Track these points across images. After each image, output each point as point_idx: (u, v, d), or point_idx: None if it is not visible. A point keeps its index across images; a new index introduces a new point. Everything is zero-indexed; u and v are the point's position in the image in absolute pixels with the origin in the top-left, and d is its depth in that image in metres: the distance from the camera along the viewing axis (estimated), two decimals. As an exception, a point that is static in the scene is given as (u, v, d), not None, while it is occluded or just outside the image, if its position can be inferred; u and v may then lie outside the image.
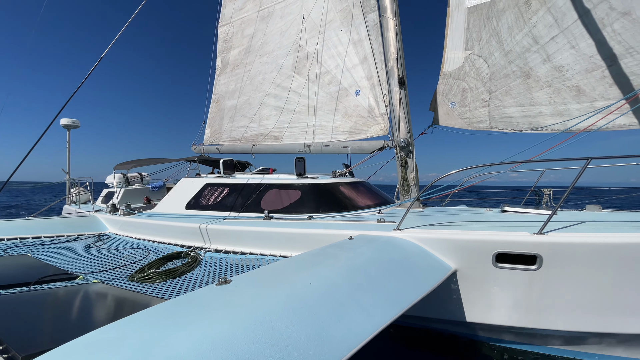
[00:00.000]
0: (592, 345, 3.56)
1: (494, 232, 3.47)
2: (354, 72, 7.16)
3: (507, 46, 6.47)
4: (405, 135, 5.71)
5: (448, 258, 3.55)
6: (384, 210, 5.35)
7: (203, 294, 2.12)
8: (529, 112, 6.55)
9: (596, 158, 3.20)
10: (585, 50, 5.83)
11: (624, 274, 3.12)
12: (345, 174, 6.54)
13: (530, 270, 3.31)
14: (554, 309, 3.40)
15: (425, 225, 3.94)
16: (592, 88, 5.86)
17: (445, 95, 7.32)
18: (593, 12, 5.53)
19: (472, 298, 3.63)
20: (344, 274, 2.60)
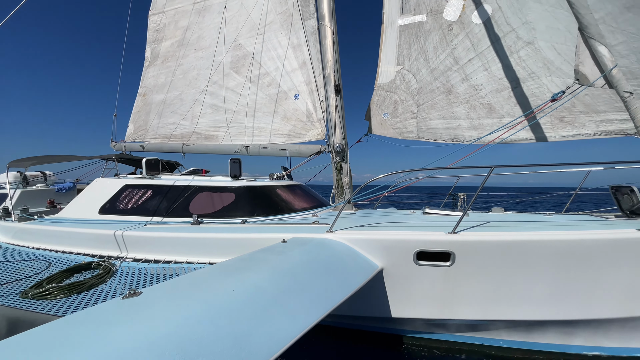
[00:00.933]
0: (497, 331, 3.91)
1: (414, 232, 3.68)
2: (294, 76, 7.01)
3: (433, 64, 6.92)
4: (341, 141, 5.72)
5: (375, 257, 3.66)
6: (319, 213, 5.27)
7: (105, 309, 1.88)
8: (451, 124, 7.08)
9: (498, 167, 3.57)
10: (495, 73, 6.49)
11: (519, 267, 3.48)
12: (283, 176, 6.33)
13: (445, 266, 3.57)
14: (465, 300, 3.67)
15: (356, 227, 4.00)
16: (500, 106, 6.54)
17: (379, 106, 7.58)
18: (503, 40, 6.17)
19: (397, 294, 3.78)
20: (271, 278, 2.52)
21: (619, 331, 3.63)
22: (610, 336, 3.67)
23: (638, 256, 3.31)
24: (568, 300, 3.51)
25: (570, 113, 5.89)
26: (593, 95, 5.50)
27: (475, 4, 6.25)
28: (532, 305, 3.59)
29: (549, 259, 3.42)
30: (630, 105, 4.36)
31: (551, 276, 3.46)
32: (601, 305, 3.47)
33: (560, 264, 3.42)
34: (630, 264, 3.33)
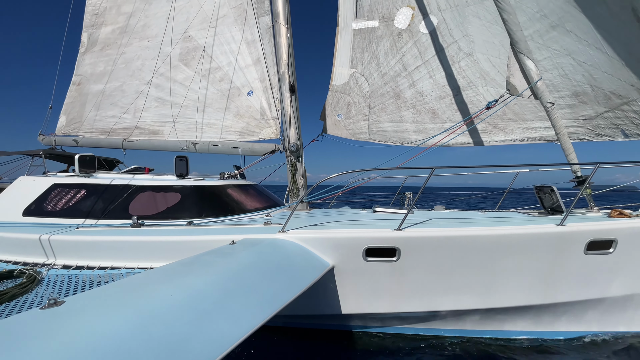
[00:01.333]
0: (439, 321, 4.12)
1: (364, 230, 3.77)
2: (247, 73, 6.77)
3: (384, 69, 7.14)
4: (295, 140, 5.64)
5: (327, 255, 3.68)
6: (273, 213, 5.13)
7: (19, 321, 1.70)
8: (399, 127, 7.37)
9: (439, 167, 3.79)
10: (439, 81, 6.88)
11: (457, 260, 3.72)
12: (235, 175, 6.07)
13: (392, 261, 3.69)
14: (409, 293, 3.83)
15: (309, 226, 3.99)
16: (443, 112, 6.94)
17: (333, 107, 7.63)
18: (446, 50, 6.55)
19: (347, 291, 3.84)
20: (215, 281, 2.43)
21: (544, 316, 4.02)
22: (538, 321, 4.05)
23: (556, 247, 3.70)
24: (499, 289, 3.81)
25: (502, 120, 6.45)
26: (521, 104, 6.08)
27: (423, 15, 6.56)
28: (468, 295, 3.84)
29: (482, 251, 3.70)
30: (551, 115, 4.88)
31: (484, 267, 3.74)
32: (527, 293, 3.82)
33: (492, 256, 3.71)
34: (550, 255, 3.71)
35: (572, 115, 5.59)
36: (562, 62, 5.47)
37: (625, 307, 3.97)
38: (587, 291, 3.83)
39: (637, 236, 3.71)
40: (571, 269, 3.74)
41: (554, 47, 5.47)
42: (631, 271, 3.80)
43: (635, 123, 5.03)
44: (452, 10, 6.32)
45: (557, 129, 4.84)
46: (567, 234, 3.66)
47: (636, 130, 5.06)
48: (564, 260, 3.72)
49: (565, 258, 3.71)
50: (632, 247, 3.70)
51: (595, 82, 5.25)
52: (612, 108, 5.21)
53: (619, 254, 3.69)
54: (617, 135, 5.26)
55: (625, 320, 4.05)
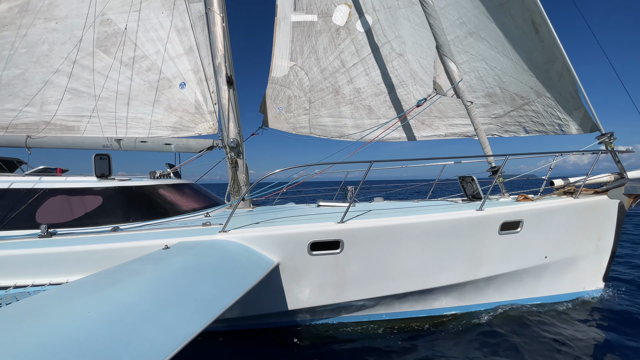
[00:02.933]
0: (380, 307, 4.26)
1: (308, 225, 3.73)
2: (179, 63, 6.11)
3: (323, 64, 7.06)
4: (235, 135, 5.27)
5: (271, 253, 3.56)
6: (212, 213, 4.75)
7: None
8: (338, 122, 7.41)
9: (376, 161, 3.87)
10: (375, 79, 7.06)
11: (395, 247, 3.88)
12: (168, 174, 5.47)
13: (336, 253, 3.72)
14: (353, 283, 3.90)
15: (252, 224, 3.82)
16: (378, 108, 7.16)
17: (273, 100, 7.36)
18: (381, 49, 6.72)
19: (293, 286, 3.77)
20: (144, 291, 2.17)
21: (468, 291, 4.40)
22: (462, 297, 4.42)
23: (477, 229, 4.07)
24: (432, 270, 4.07)
25: (429, 117, 6.88)
26: (445, 103, 6.53)
27: (359, 14, 6.60)
28: (406, 279, 4.04)
29: (417, 237, 3.91)
30: (470, 113, 5.31)
31: (419, 252, 3.97)
32: (456, 272, 4.13)
33: (424, 241, 3.94)
34: (472, 236, 4.06)
35: (485, 114, 6.17)
36: (477, 66, 5.98)
37: (533, 276, 4.53)
38: (502, 266, 4.28)
39: (538, 216, 4.24)
40: (489, 248, 4.15)
41: (471, 52, 5.95)
42: (535, 246, 4.35)
43: (534, 121, 5.75)
44: (385, 11, 6.46)
45: (475, 126, 5.29)
46: (484, 217, 4.04)
47: (534, 127, 5.78)
48: (483, 240, 4.10)
49: (484, 238, 4.10)
50: (534, 225, 4.22)
51: (504, 84, 5.85)
52: (516, 108, 5.88)
53: (524, 232, 4.18)
54: (520, 131, 5.96)
55: (535, 288, 4.64)
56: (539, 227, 4.27)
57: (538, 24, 5.13)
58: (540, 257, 4.39)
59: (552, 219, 4.34)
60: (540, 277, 4.54)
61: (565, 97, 5.26)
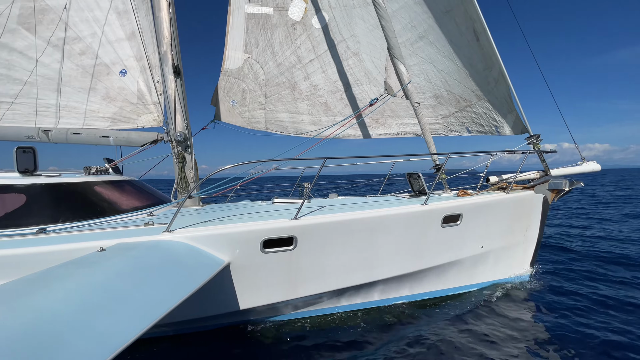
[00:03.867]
0: (332, 300, 4.30)
1: (260, 222, 3.64)
2: (119, 48, 5.57)
3: (279, 59, 6.92)
4: (183, 128, 4.95)
5: (221, 252, 3.44)
6: (156, 212, 4.43)
7: None
8: (295, 119, 7.33)
9: (329, 158, 3.91)
10: (331, 76, 7.08)
11: (346, 241, 3.95)
12: (105, 170, 4.99)
13: (289, 250, 3.70)
14: (306, 278, 3.90)
15: (200, 223, 3.64)
16: (334, 106, 7.21)
17: (226, 92, 7.05)
18: (337, 47, 6.74)
19: (245, 285, 3.67)
20: (70, 298, 1.98)
21: (415, 281, 4.63)
22: (411, 286, 4.64)
23: (422, 223, 4.27)
24: (382, 262, 4.21)
25: (382, 116, 7.08)
26: (397, 103, 6.77)
27: (316, 10, 6.55)
28: (358, 272, 4.13)
29: (367, 231, 4.02)
30: (418, 113, 5.56)
31: (370, 245, 4.08)
32: (403, 263, 4.32)
33: (374, 234, 4.06)
34: (418, 229, 4.27)
35: (433, 114, 6.51)
36: (426, 69, 6.27)
37: (472, 265, 4.89)
38: (445, 256, 4.56)
39: (475, 210, 4.58)
40: (433, 240, 4.39)
41: (421, 55, 6.22)
42: (473, 237, 4.69)
43: (475, 122, 6.19)
44: (341, 9, 6.49)
45: (422, 125, 5.55)
46: (428, 211, 4.26)
47: (475, 128, 6.23)
48: (428, 233, 4.33)
49: (428, 231, 4.33)
50: (472, 218, 4.56)
51: (449, 87, 6.21)
52: (460, 109, 6.28)
53: (464, 224, 4.50)
54: (463, 131, 6.39)
55: (474, 275, 5.00)
56: (476, 219, 4.61)
57: (479, 32, 5.50)
58: (477, 247, 4.75)
59: (488, 212, 4.72)
60: (477, 265, 4.93)
61: (500, 101, 5.73)
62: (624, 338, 3.76)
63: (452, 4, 5.58)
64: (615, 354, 3.46)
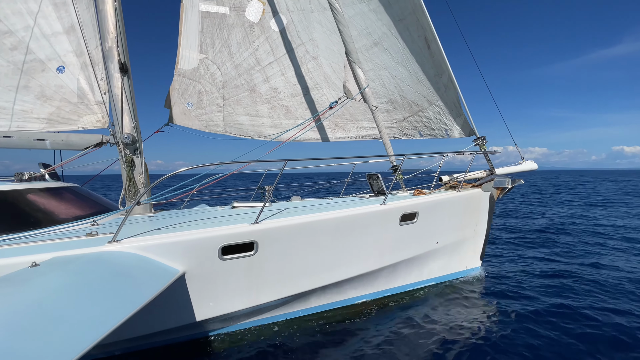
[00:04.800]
0: (294, 303, 4.26)
1: (218, 228, 3.50)
2: (56, 42, 5.07)
3: (237, 60, 6.78)
4: (131, 130, 4.62)
5: (175, 262, 3.25)
6: (101, 221, 4.08)
7: None
8: (255, 122, 7.22)
9: (290, 160, 3.85)
10: (291, 79, 7.08)
11: (310, 243, 3.94)
12: (41, 176, 4.51)
13: (250, 255, 3.59)
14: (269, 283, 3.82)
15: (152, 231, 3.41)
16: (295, 109, 7.21)
17: (181, 94, 6.75)
18: (296, 50, 6.76)
19: (203, 295, 3.51)
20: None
21: (376, 279, 4.74)
22: (371, 284, 4.73)
23: (381, 221, 4.41)
24: (345, 262, 4.25)
25: (341, 119, 7.23)
26: (355, 107, 6.96)
27: (273, 12, 6.53)
28: (322, 274, 4.13)
29: (330, 232, 4.04)
30: (375, 116, 5.76)
31: (333, 246, 4.10)
32: (365, 262, 4.40)
33: (337, 235, 4.10)
34: (377, 228, 4.39)
35: (388, 118, 6.78)
36: (381, 74, 6.52)
37: (428, 260, 5.13)
38: (403, 253, 4.73)
39: (430, 208, 4.83)
40: (392, 238, 4.54)
41: (376, 61, 6.47)
42: (428, 234, 4.92)
43: (427, 126, 6.55)
44: (299, 13, 6.54)
45: (379, 128, 5.75)
46: (387, 210, 4.40)
47: (427, 132, 6.59)
48: (387, 231, 4.47)
49: (387, 229, 4.46)
50: (427, 216, 4.79)
51: (403, 92, 6.52)
52: (412, 114, 6.61)
53: (420, 222, 4.71)
54: (416, 134, 6.72)
55: (431, 270, 5.24)
56: (431, 217, 4.86)
57: (430, 40, 5.85)
58: (433, 243, 5.01)
59: (441, 210, 5.00)
60: (434, 260, 5.18)
61: (450, 106, 6.13)
62: (568, 320, 4.17)
63: (405, 13, 5.88)
64: (561, 339, 3.81)
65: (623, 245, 7.84)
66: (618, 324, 4.00)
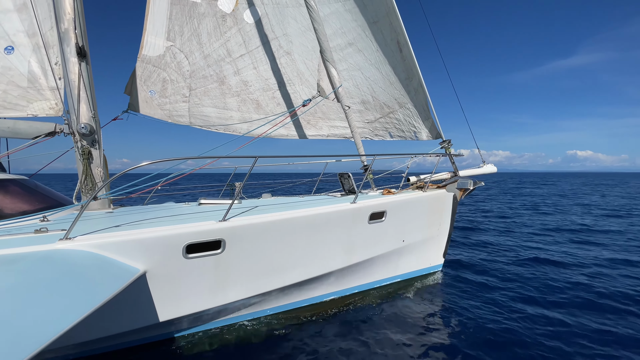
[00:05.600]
0: (264, 302, 4.27)
1: (183, 225, 3.41)
2: (5, 21, 4.60)
3: (207, 50, 6.56)
4: (89, 119, 4.33)
5: (135, 260, 3.14)
6: (53, 216, 3.81)
7: None
8: (223, 115, 7.05)
9: (261, 157, 3.85)
10: (263, 73, 6.99)
11: (280, 241, 3.96)
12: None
13: (216, 254, 3.54)
14: (237, 282, 3.79)
15: (110, 228, 3.25)
16: (266, 104, 7.14)
17: (144, 81, 6.42)
18: (269, 44, 6.68)
19: (166, 295, 3.42)
20: None
21: (344, 276, 4.87)
22: (339, 282, 4.86)
23: (351, 219, 4.52)
24: (315, 260, 4.32)
25: (314, 117, 7.28)
26: (327, 106, 7.03)
27: (248, 3, 6.39)
28: (291, 272, 4.16)
29: (300, 230, 4.08)
30: (348, 116, 5.88)
31: (303, 244, 4.15)
32: (335, 259, 4.51)
33: (307, 233, 4.15)
34: (348, 226, 4.51)
35: (360, 118, 6.94)
36: (355, 75, 6.65)
37: (395, 258, 5.36)
38: (371, 250, 4.89)
39: (398, 207, 5.04)
40: (361, 236, 4.68)
41: (350, 61, 6.58)
42: (396, 232, 5.14)
43: (397, 128, 6.80)
44: (273, 6, 6.46)
45: (351, 128, 5.88)
46: (357, 209, 4.53)
47: (397, 133, 6.85)
48: (356, 229, 4.60)
49: (357, 227, 4.60)
50: (395, 215, 5.00)
51: (375, 94, 6.70)
52: (384, 115, 6.83)
53: (388, 220, 4.91)
54: (387, 135, 6.96)
55: (397, 267, 5.47)
56: (399, 216, 5.09)
57: (402, 44, 6.06)
58: (399, 241, 5.24)
59: (408, 209, 5.24)
60: (400, 258, 5.43)
61: (419, 109, 6.41)
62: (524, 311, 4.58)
63: (379, 16, 6.03)
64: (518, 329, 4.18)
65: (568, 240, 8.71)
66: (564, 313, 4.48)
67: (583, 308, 4.63)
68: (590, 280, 5.74)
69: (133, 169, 3.37)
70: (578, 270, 6.32)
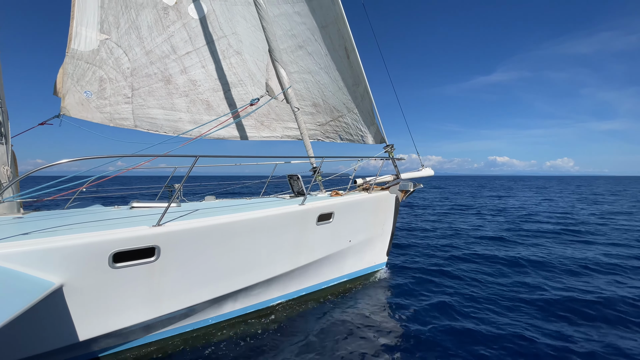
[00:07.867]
0: (205, 311, 3.86)
1: (109, 232, 2.97)
2: None
3: (148, 45, 5.95)
4: (-8, 112, 3.60)
5: (49, 272, 2.66)
6: None
7: None
8: (172, 116, 6.44)
9: (203, 156, 3.47)
10: (212, 73, 6.52)
11: (222, 246, 3.61)
12: None
13: (150, 262, 3.13)
14: (174, 292, 3.37)
15: (17, 236, 2.74)
16: (217, 105, 6.66)
17: (77, 80, 5.62)
18: (217, 42, 6.25)
19: (88, 310, 2.93)
20: None
21: (293, 279, 4.57)
22: (288, 285, 4.54)
23: (299, 221, 4.31)
24: (261, 264, 4.02)
25: (267, 119, 6.95)
26: (281, 107, 6.75)
27: (192, -2, 5.92)
28: (234, 278, 3.82)
29: (245, 234, 3.77)
30: (297, 118, 5.65)
31: (247, 248, 3.84)
32: (282, 263, 4.23)
33: (253, 236, 3.85)
34: (296, 228, 4.26)
35: (312, 121, 6.76)
36: (305, 78, 6.46)
37: (342, 258, 5.18)
38: (319, 251, 4.71)
39: (344, 208, 4.88)
40: (309, 237, 4.46)
41: (300, 64, 6.38)
42: (343, 233, 4.97)
43: (346, 131, 6.71)
44: (221, 3, 6.07)
45: (301, 130, 5.66)
46: (305, 211, 4.32)
47: (346, 136, 6.76)
48: (305, 231, 4.39)
49: (305, 229, 4.38)
50: (342, 216, 4.83)
51: (325, 97, 6.56)
52: (334, 119, 6.70)
53: (335, 221, 4.72)
54: (337, 138, 6.84)
55: (343, 267, 5.31)
56: (346, 217, 4.93)
57: (349, 50, 5.99)
58: (346, 241, 5.08)
59: (354, 210, 5.11)
60: (346, 258, 5.27)
61: (365, 114, 6.38)
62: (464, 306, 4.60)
63: (327, 21, 5.91)
64: (458, 323, 4.17)
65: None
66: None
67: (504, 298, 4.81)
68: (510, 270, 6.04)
69: (48, 167, 2.81)
70: (500, 264, 6.66)
